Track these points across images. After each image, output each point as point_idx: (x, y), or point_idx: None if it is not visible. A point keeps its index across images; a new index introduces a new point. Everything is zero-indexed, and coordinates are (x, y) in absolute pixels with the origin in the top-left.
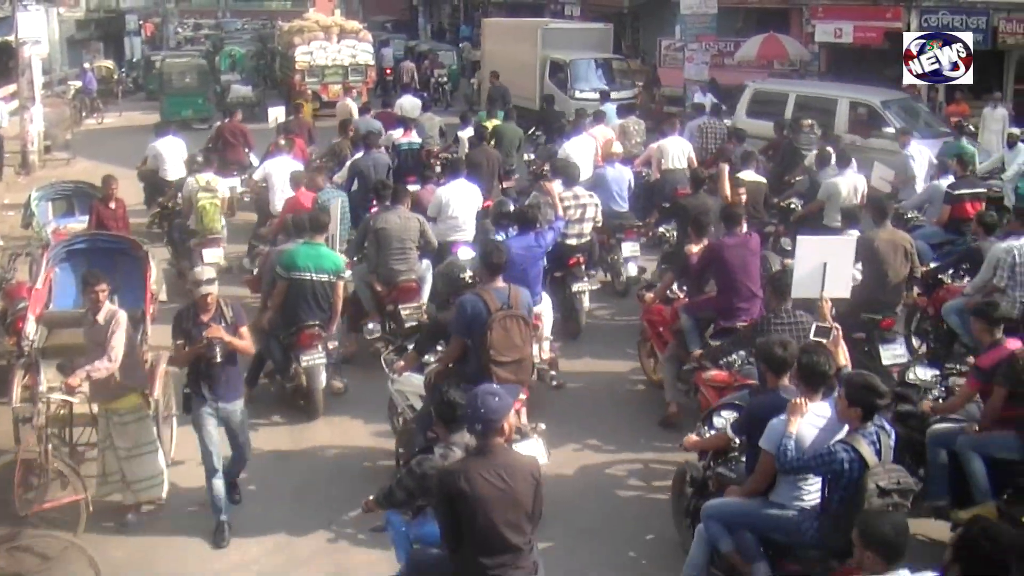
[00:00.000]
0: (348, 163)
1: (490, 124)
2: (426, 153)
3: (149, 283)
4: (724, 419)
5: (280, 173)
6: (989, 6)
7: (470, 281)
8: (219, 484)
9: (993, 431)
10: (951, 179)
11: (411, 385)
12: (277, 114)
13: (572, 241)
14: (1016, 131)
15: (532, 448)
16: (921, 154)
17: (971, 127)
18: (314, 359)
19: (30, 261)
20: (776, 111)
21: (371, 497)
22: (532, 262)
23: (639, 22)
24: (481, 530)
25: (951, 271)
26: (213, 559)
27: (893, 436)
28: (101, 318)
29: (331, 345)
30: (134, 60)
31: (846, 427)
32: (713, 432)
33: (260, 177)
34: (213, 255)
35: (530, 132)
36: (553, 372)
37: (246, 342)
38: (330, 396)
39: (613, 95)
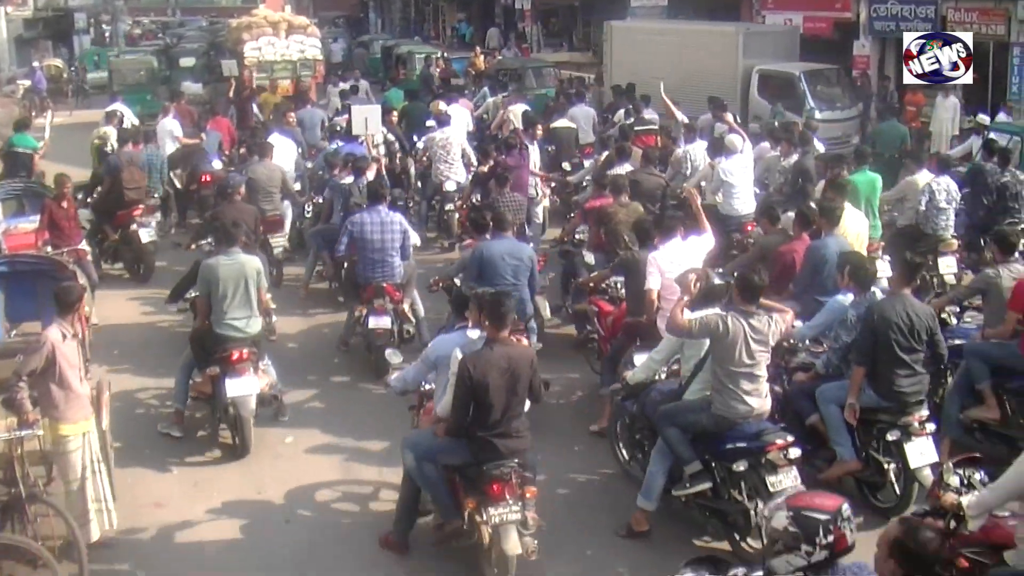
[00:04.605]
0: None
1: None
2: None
3: (81, 306)
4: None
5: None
6: None
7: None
8: None
9: (595, 253)
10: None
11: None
12: (230, 67)
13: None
14: (985, 118)
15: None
16: None
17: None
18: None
19: None
20: None
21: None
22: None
23: (591, 14)
24: (228, 225)
25: None
26: (170, 556)
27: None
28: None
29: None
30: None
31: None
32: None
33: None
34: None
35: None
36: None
37: None
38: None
39: (844, 115)
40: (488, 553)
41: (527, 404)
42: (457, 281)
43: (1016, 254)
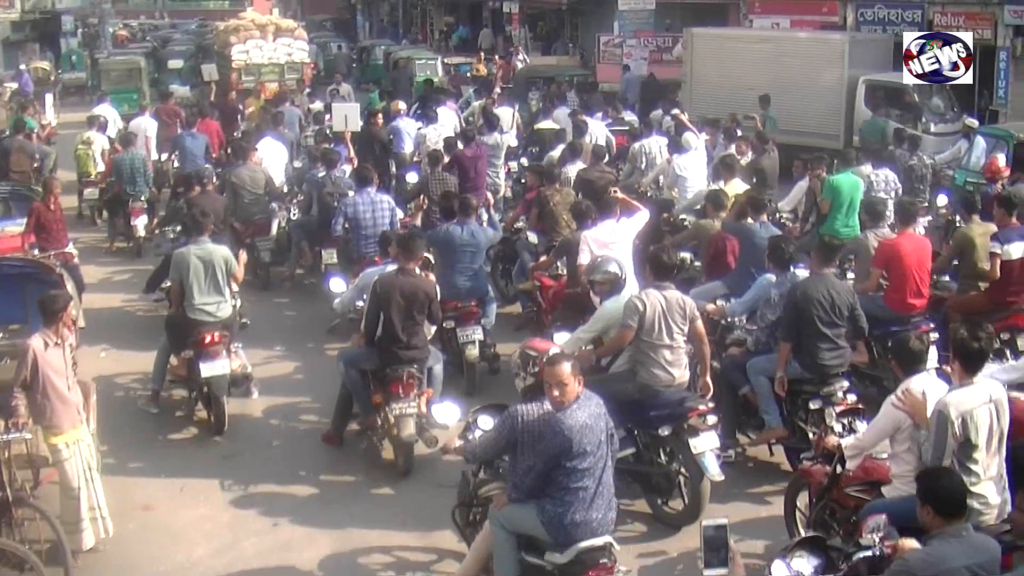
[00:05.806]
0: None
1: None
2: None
3: (67, 314)
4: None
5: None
6: (924, 0)
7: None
8: None
9: (536, 233)
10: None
11: None
12: (210, 71)
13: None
14: (974, 122)
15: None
16: None
17: None
18: None
19: None
20: None
21: None
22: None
23: (577, 18)
24: (197, 215)
25: None
26: (158, 560)
27: None
28: (64, 345)
29: None
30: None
31: None
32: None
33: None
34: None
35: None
36: None
37: None
38: None
39: (953, 127)
40: (394, 440)
41: (431, 328)
42: (432, 258)
43: (884, 220)
